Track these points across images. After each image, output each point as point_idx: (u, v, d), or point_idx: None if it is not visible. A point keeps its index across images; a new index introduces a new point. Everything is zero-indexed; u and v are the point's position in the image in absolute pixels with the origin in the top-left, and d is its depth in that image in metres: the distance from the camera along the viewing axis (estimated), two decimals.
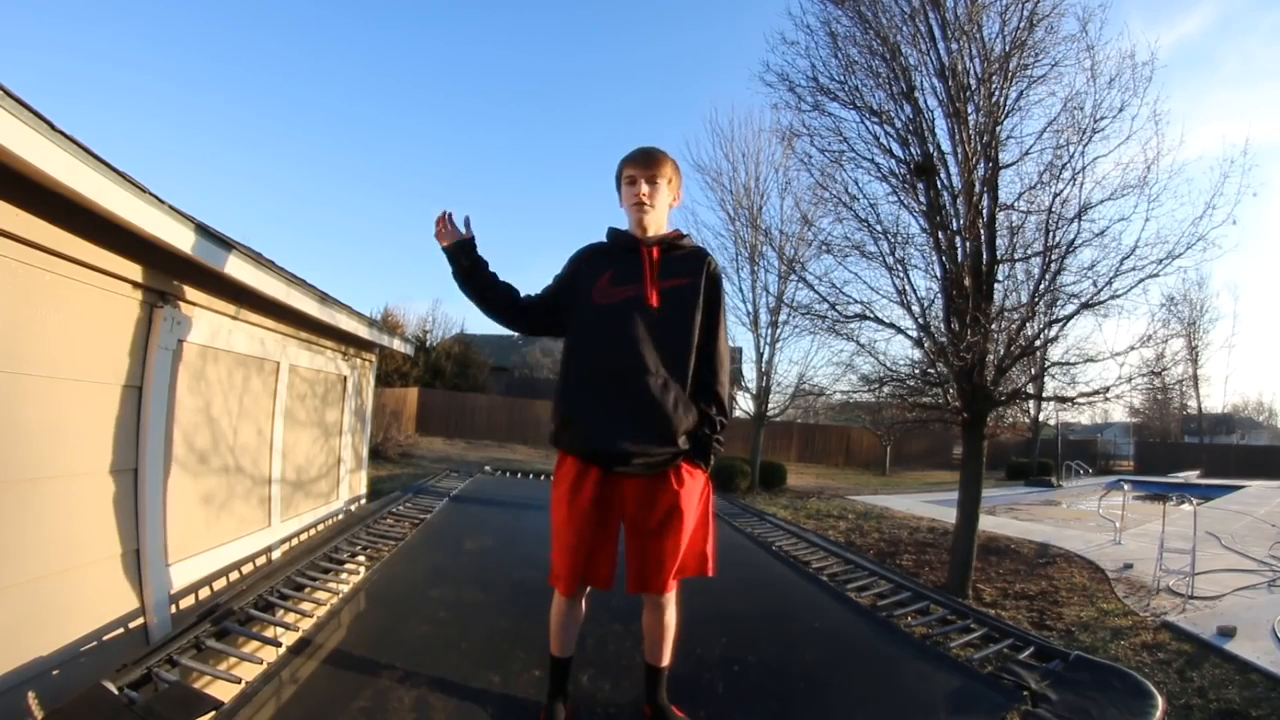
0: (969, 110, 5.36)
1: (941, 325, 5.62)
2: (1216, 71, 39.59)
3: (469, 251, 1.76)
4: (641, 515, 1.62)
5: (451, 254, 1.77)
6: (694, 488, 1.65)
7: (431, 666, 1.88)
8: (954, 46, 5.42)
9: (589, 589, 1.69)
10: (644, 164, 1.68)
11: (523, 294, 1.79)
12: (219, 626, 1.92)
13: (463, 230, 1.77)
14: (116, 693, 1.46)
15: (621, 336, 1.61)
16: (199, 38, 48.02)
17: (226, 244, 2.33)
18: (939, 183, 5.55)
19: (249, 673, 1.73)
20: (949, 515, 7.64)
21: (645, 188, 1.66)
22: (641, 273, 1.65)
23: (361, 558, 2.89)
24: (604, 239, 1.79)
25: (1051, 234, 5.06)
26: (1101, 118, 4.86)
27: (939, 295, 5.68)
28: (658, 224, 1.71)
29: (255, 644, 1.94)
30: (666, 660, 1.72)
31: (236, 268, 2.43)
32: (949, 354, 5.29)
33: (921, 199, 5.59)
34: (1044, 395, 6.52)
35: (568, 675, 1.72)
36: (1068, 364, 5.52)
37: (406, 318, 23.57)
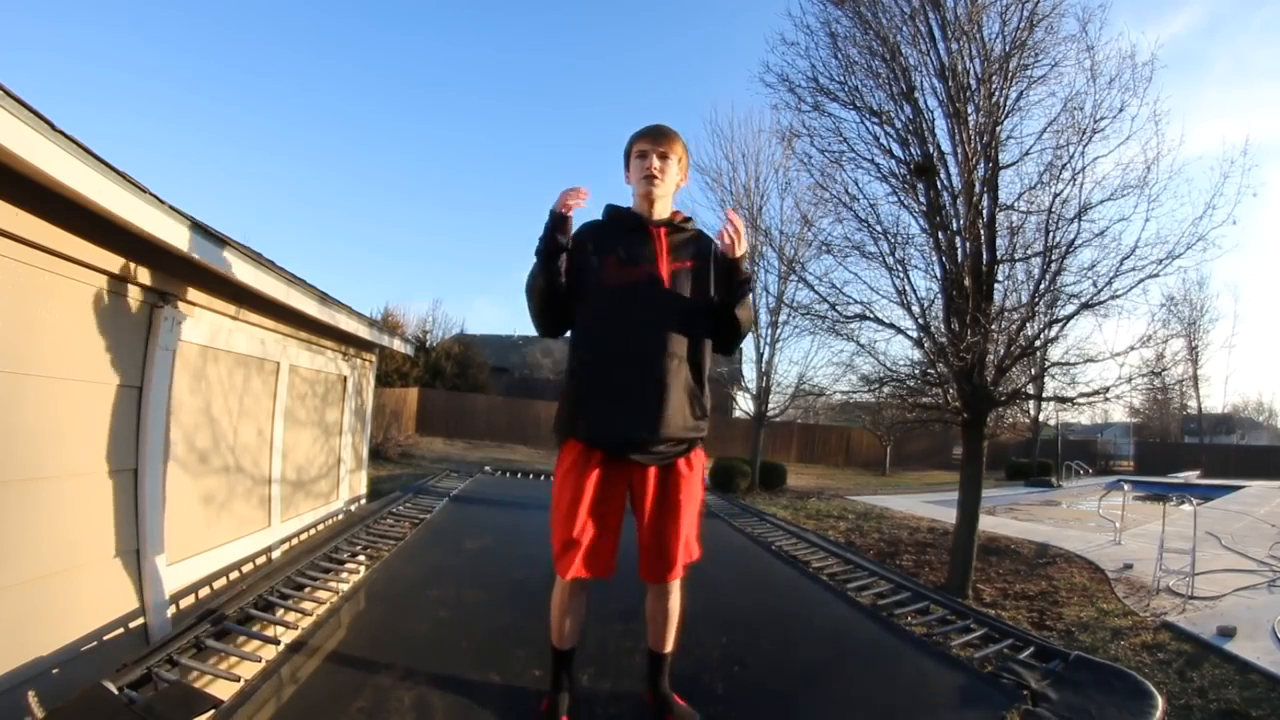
0: (969, 110, 5.36)
1: (941, 325, 5.62)
2: (1209, 72, 39.46)
3: (569, 231, 1.60)
4: (650, 502, 1.62)
5: (561, 221, 1.57)
6: (699, 474, 1.67)
7: (431, 666, 1.88)
8: (954, 47, 5.43)
9: (590, 582, 1.66)
10: (656, 139, 1.67)
11: None
12: (219, 626, 1.92)
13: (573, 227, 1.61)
14: (116, 692, 1.46)
15: (638, 318, 1.60)
16: (199, 38, 48.04)
17: (226, 244, 2.33)
18: (939, 183, 5.55)
19: (249, 672, 1.73)
20: (949, 515, 7.63)
21: (656, 162, 1.66)
22: (653, 252, 1.64)
23: (361, 557, 2.89)
24: (600, 217, 1.74)
25: (1051, 234, 5.05)
26: (1101, 118, 4.86)
27: (939, 295, 5.68)
28: (665, 201, 1.70)
29: (255, 643, 1.94)
30: (670, 647, 1.72)
31: (236, 268, 2.43)
32: (949, 354, 5.29)
33: (921, 199, 5.58)
34: (1044, 395, 6.52)
35: (570, 667, 1.72)
36: (1068, 364, 5.52)
37: (406, 318, 23.51)
